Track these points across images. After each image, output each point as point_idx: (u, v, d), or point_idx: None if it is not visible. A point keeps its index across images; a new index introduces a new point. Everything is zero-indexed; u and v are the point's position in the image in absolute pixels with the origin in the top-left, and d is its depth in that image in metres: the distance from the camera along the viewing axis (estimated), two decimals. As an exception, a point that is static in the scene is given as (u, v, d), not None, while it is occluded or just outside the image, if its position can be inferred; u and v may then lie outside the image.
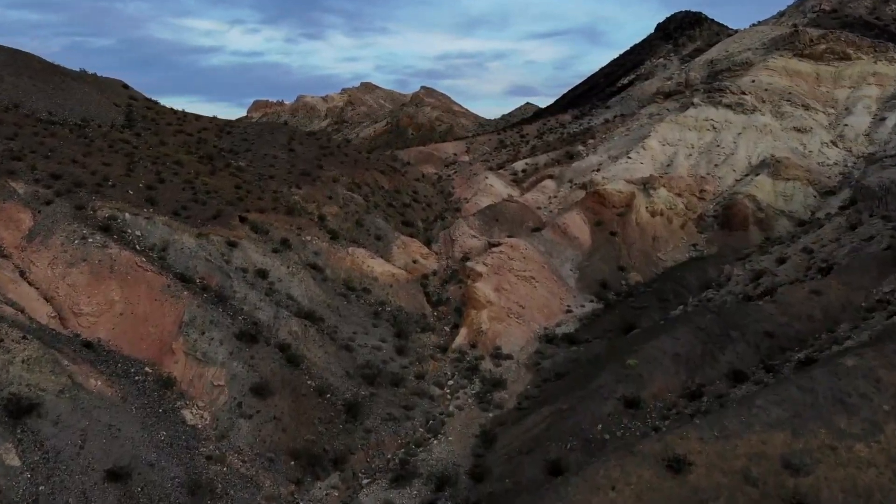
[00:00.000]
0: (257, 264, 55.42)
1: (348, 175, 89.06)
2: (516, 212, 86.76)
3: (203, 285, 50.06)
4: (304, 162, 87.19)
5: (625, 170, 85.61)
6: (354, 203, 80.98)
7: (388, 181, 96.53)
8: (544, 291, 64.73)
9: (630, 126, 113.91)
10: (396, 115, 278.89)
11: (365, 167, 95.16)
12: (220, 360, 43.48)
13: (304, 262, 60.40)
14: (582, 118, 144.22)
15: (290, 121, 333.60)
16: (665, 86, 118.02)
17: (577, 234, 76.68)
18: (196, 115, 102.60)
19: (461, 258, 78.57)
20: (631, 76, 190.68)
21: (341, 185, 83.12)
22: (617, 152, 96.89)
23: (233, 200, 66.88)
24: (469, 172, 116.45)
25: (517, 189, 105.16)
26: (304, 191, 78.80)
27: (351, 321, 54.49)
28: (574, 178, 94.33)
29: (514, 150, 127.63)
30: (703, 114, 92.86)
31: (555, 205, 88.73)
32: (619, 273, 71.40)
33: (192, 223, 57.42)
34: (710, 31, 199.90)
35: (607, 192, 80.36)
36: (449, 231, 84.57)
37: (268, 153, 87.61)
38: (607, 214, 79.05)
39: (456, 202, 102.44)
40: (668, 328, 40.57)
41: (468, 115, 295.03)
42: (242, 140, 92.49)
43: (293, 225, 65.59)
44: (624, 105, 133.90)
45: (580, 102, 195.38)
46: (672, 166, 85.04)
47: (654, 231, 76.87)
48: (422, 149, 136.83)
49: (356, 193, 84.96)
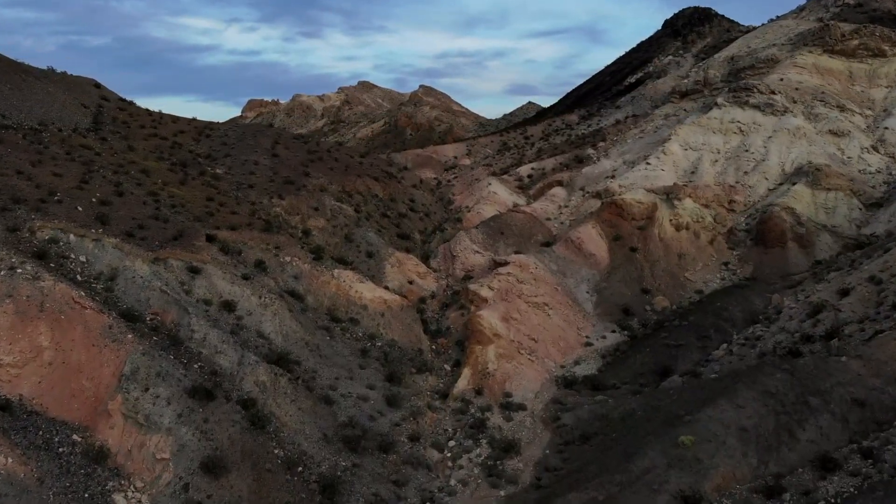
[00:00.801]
0: (223, 294, 46.99)
1: (338, 183, 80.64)
2: (523, 224, 78.34)
3: (154, 324, 41.57)
4: (288, 169, 78.73)
5: (644, 177, 77.21)
6: (344, 215, 72.55)
7: (383, 188, 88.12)
8: (559, 320, 56.33)
9: (644, 128, 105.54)
10: (394, 115, 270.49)
11: (357, 173, 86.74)
12: (167, 424, 35.05)
13: (281, 289, 51.96)
14: (590, 119, 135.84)
15: (286, 120, 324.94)
16: (681, 85, 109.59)
17: (593, 251, 68.28)
18: (174, 117, 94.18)
19: (463, 277, 70.17)
20: (638, 74, 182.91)
21: (329, 195, 74.66)
22: (633, 157, 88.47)
23: (202, 215, 58.46)
24: (471, 178, 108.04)
25: (523, 196, 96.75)
26: (287, 202, 70.36)
27: (333, 362, 46.05)
28: (586, 185, 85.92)
29: (518, 153, 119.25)
30: (728, 115, 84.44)
31: (566, 215, 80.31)
32: (642, 297, 63.00)
33: (149, 245, 48.95)
34: (720, 27, 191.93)
35: (626, 202, 71.95)
36: (449, 245, 76.17)
37: (249, 159, 79.15)
38: (626, 228, 70.65)
39: (456, 211, 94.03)
40: (726, 390, 32.14)
41: (468, 115, 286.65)
42: (222, 144, 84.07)
43: (270, 243, 57.15)
44: (636, 105, 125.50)
45: (586, 102, 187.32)
46: (696, 174, 76.64)
47: (680, 247, 68.46)
48: (420, 152, 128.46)
49: (346, 204, 76.52)
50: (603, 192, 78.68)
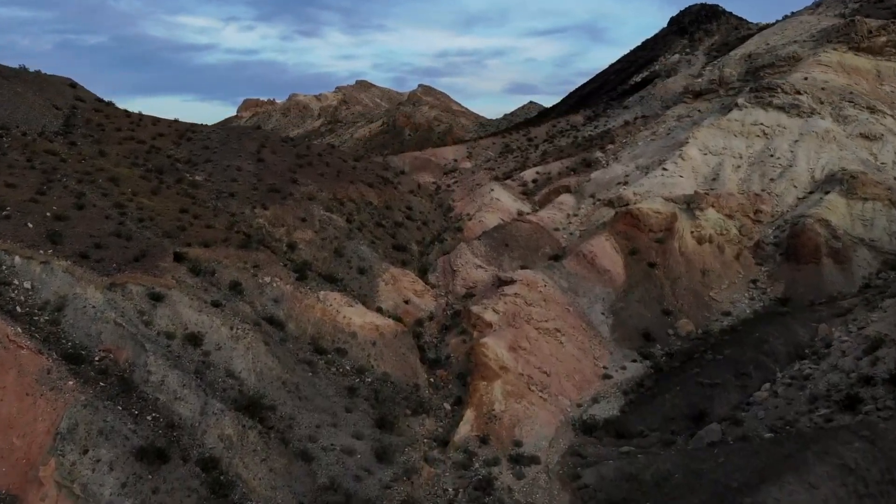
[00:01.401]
0: (189, 325, 40.79)
1: (328, 190, 74.41)
2: (530, 234, 72.15)
3: (103, 366, 35.35)
4: (274, 175, 72.50)
5: (661, 184, 71.03)
6: (334, 226, 66.34)
7: (378, 195, 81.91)
8: (573, 348, 50.14)
9: (656, 129, 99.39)
10: (393, 115, 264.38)
11: (350, 179, 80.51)
12: (107, 496, 28.89)
13: (258, 316, 45.75)
14: (596, 119, 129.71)
15: (282, 120, 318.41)
16: (694, 84, 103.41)
17: (607, 266, 62.11)
18: (154, 119, 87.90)
19: (464, 294, 64.03)
20: (644, 73, 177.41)
21: (318, 204, 68.42)
22: (647, 161, 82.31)
23: (172, 230, 52.22)
24: (472, 183, 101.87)
25: (527, 203, 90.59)
26: (272, 212, 64.16)
27: (315, 405, 39.82)
28: (597, 192, 79.75)
29: (521, 156, 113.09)
30: (750, 117, 78.26)
31: (576, 225, 74.12)
32: (664, 319, 56.85)
33: (105, 268, 42.71)
34: (727, 24, 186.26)
35: (642, 212, 65.77)
36: (449, 258, 70.00)
37: (231, 164, 72.94)
38: (643, 240, 64.50)
39: (457, 219, 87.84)
40: (792, 462, 25.99)
41: (468, 115, 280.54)
42: (204, 148, 77.85)
43: (248, 261, 50.93)
44: (645, 105, 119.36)
45: (590, 101, 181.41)
46: (718, 181, 70.47)
47: (703, 262, 62.31)
48: (418, 154, 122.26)
49: (337, 213, 70.29)
50: (616, 201, 72.49)
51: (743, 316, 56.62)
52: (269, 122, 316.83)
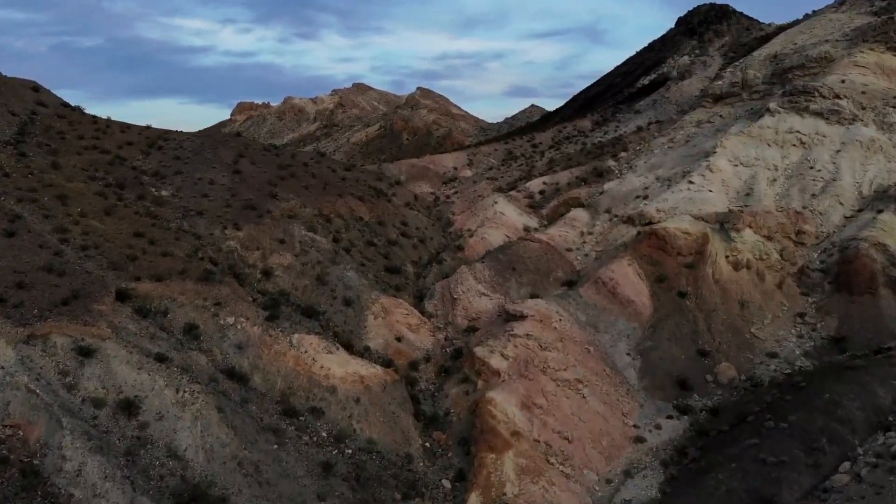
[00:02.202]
0: (125, 387, 32.64)
1: (313, 205, 66.23)
2: (539, 256, 63.98)
3: (5, 450, 27.27)
4: (251, 189, 64.30)
5: (688, 200, 62.86)
6: (317, 248, 58.13)
7: (369, 210, 73.74)
8: (597, 402, 41.93)
9: (673, 136, 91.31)
10: (390, 119, 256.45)
11: (338, 192, 72.32)
12: None
13: (215, 369, 37.58)
14: (605, 124, 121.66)
15: (277, 124, 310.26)
16: (714, 87, 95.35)
17: (631, 296, 53.96)
18: (124, 125, 79.64)
19: (466, 327, 55.92)
20: (652, 75, 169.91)
21: (300, 223, 60.19)
22: (667, 172, 74.19)
23: (120, 260, 44.03)
24: (473, 193, 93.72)
25: (534, 217, 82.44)
26: (245, 233, 55.94)
27: (279, 491, 31.56)
28: (613, 206, 71.59)
29: (526, 165, 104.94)
30: (784, 123, 70.15)
31: (590, 245, 65.95)
32: (700, 361, 48.67)
33: (24, 315, 34.56)
34: (738, 25, 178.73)
35: (669, 232, 57.67)
36: (449, 283, 61.83)
37: (204, 177, 64.74)
38: (671, 265, 56.38)
39: (457, 235, 79.70)
40: None
41: (468, 118, 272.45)
42: (174, 159, 69.64)
43: (209, 297, 42.73)
44: (658, 110, 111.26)
45: (595, 105, 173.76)
46: (753, 196, 62.36)
47: (741, 292, 54.16)
48: (415, 162, 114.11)
49: (322, 232, 62.06)
50: (636, 217, 64.32)
51: (792, 357, 48.50)
52: (264, 125, 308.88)
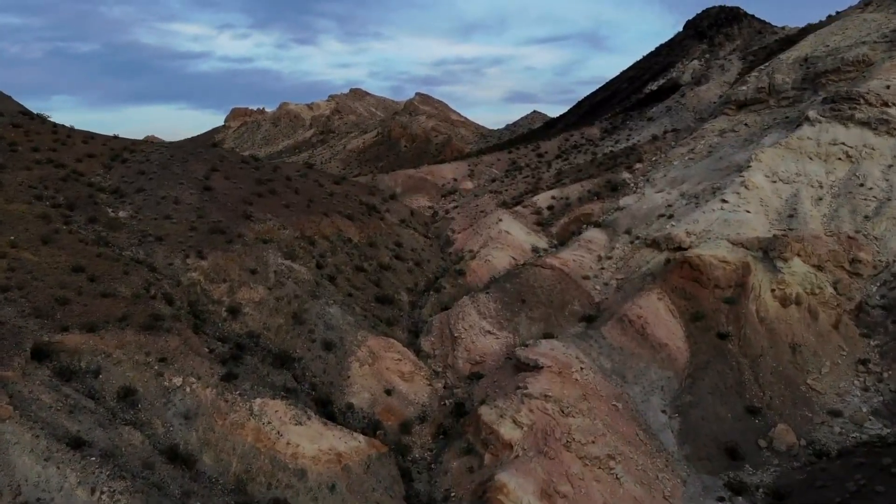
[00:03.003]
0: (24, 487, 24.57)
1: (294, 226, 58.14)
2: (552, 285, 55.87)
3: None
4: (222, 208, 56.20)
5: (722, 221, 54.79)
6: (295, 278, 49.95)
7: (359, 230, 65.67)
8: (633, 485, 33.72)
9: (693, 147, 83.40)
10: (388, 125, 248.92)
11: (323, 210, 64.24)
12: None
13: (153, 449, 29.42)
14: (615, 133, 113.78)
15: (272, 130, 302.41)
16: (737, 93, 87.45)
17: (663, 338, 45.85)
18: (88, 135, 71.71)
19: (469, 373, 47.86)
20: (660, 80, 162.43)
21: (275, 249, 52.02)
22: (693, 188, 66.18)
23: (46, 305, 35.90)
24: (475, 209, 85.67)
25: (543, 236, 74.41)
26: (211, 262, 47.78)
27: None
28: (633, 226, 63.52)
29: (532, 176, 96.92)
30: (826, 135, 62.25)
31: (610, 272, 57.83)
32: (750, 421, 40.48)
33: None
34: (750, 28, 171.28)
35: (704, 261, 49.63)
36: (449, 317, 53.76)
37: (169, 195, 56.66)
38: (708, 300, 48.30)
39: (457, 257, 71.62)
40: None
41: (468, 125, 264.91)
42: (138, 174, 61.61)
43: (154, 351, 34.58)
44: (674, 117, 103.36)
45: (601, 111, 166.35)
46: (797, 218, 54.34)
47: (792, 334, 46.02)
48: (412, 173, 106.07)
49: (302, 259, 53.92)
50: (663, 241, 56.22)
51: (859, 417, 40.36)
52: (259, 131, 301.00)
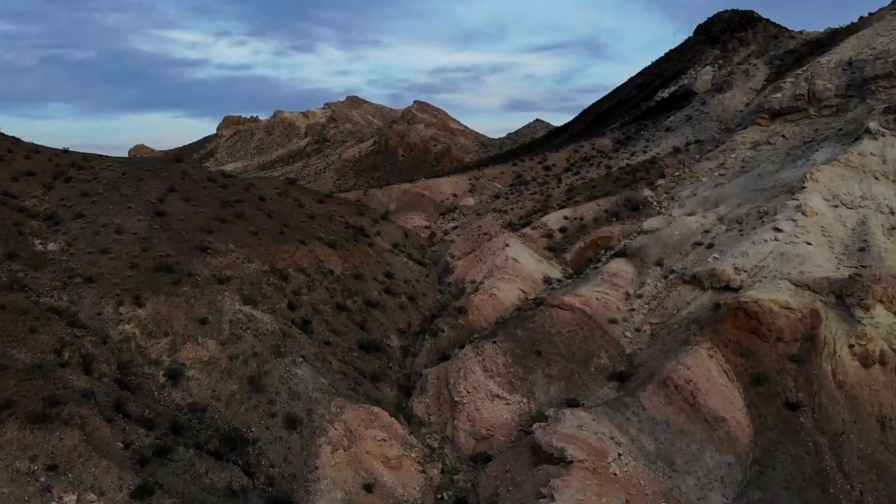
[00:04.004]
0: None
1: (262, 258, 48.53)
2: (573, 331, 46.23)
3: None
4: (173, 239, 46.53)
5: (778, 256, 45.25)
6: (255, 330, 40.25)
7: (343, 259, 56.13)
8: None
9: (724, 161, 74.05)
10: (385, 134, 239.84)
11: (301, 237, 54.69)
12: None
13: None
14: (630, 144, 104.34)
15: (265, 139, 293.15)
16: (771, 100, 78.15)
17: (719, 409, 36.21)
18: (32, 149, 62.25)
19: (473, 452, 38.22)
20: (671, 87, 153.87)
21: (233, 291, 42.31)
22: (733, 211, 56.72)
23: None
24: (477, 230, 76.13)
25: (556, 263, 64.94)
26: (151, 310, 38.13)
27: None
28: (665, 256, 53.99)
29: (540, 192, 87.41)
30: (892, 150, 52.87)
31: (643, 313, 48.19)
32: (845, 533, 30.85)
33: None
34: (765, 32, 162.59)
35: (763, 307, 40.06)
36: (448, 372, 44.11)
37: (111, 222, 47.05)
38: (770, 358, 38.72)
39: (457, 288, 62.09)
40: None
41: (467, 133, 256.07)
42: (81, 195, 52.10)
43: (42, 454, 24.97)
44: (696, 127, 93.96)
45: (609, 120, 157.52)
46: (869, 252, 44.84)
47: (879, 404, 36.42)
48: (407, 188, 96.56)
49: (266, 303, 44.23)
50: (706, 278, 46.62)
51: None
52: (252, 140, 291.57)
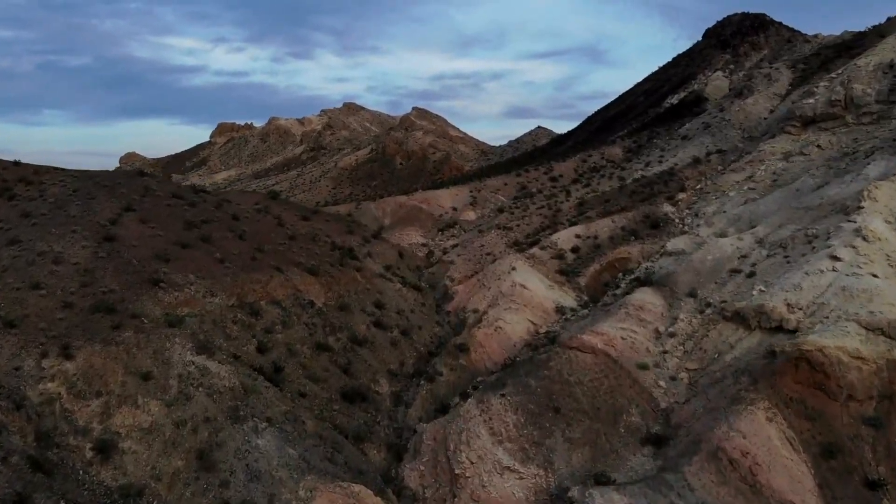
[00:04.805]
0: None
1: (228, 290, 41.13)
2: (597, 381, 38.81)
3: None
4: (122, 270, 39.10)
5: (839, 291, 38.04)
6: (208, 387, 32.76)
7: (326, 287, 48.76)
8: None
9: (753, 174, 66.99)
10: (382, 141, 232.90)
11: (277, 263, 47.29)
12: None
13: None
14: (642, 153, 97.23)
15: (260, 146, 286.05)
16: (803, 107, 71.10)
17: (785, 491, 28.85)
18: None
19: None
20: (681, 93, 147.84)
21: (186, 337, 34.86)
22: (774, 233, 49.52)
23: None
24: (479, 250, 68.84)
25: (570, 289, 57.73)
26: (81, 363, 30.67)
27: None
28: (699, 285, 46.68)
29: (548, 206, 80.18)
30: (961, 161, 46.05)
31: (677, 356, 40.81)
32: None
33: None
34: (778, 36, 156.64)
35: (830, 358, 32.79)
36: (447, 433, 36.72)
37: (50, 250, 39.66)
38: (841, 421, 31.41)
39: (458, 318, 54.79)
40: None
41: (467, 141, 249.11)
42: (22, 216, 44.72)
43: None
44: (716, 136, 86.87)
45: (616, 127, 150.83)
46: (948, 284, 37.80)
47: None
48: (403, 201, 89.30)
49: (223, 353, 36.83)
50: (752, 316, 39.32)
51: None
52: (246, 148, 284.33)
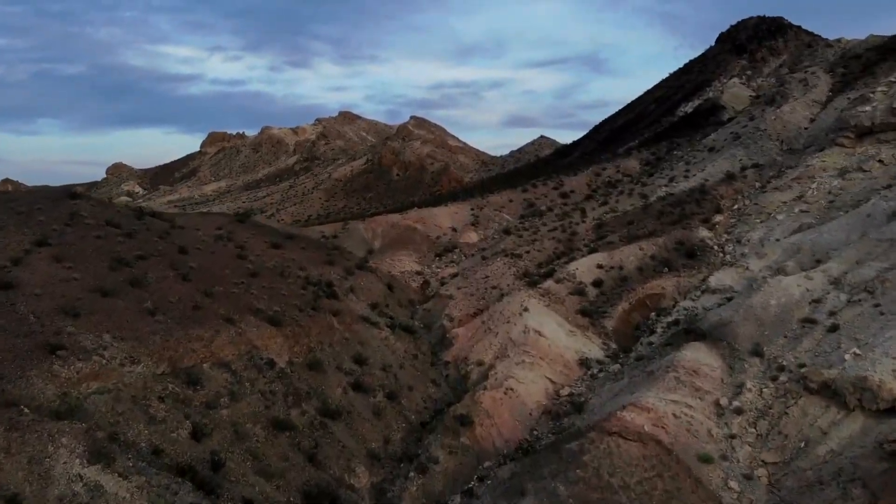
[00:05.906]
0: None
1: (157, 352, 30.93)
2: (646, 480, 28.68)
3: None
4: (11, 331, 28.70)
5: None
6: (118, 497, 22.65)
7: (292, 342, 38.58)
8: None
9: (803, 193, 57.30)
10: (378, 151, 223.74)
11: (228, 312, 37.09)
12: None
13: None
14: (662, 167, 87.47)
15: (252, 157, 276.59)
16: (857, 115, 61.49)
17: None
18: None
19: None
20: (696, 101, 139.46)
21: (77, 437, 24.67)
22: (852, 271, 39.66)
23: None
24: (484, 283, 58.78)
25: (594, 335, 47.73)
26: None
27: None
28: (764, 341, 36.68)
29: (562, 229, 70.24)
30: None
31: (750, 442, 30.76)
32: None
33: None
34: (798, 40, 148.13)
35: None
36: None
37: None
38: None
39: (459, 374, 44.67)
40: None
41: (467, 151, 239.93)
42: None
43: None
44: (750, 147, 77.07)
45: (626, 137, 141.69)
46: None
47: None
48: (396, 221, 79.24)
49: (121, 464, 26.77)
50: (850, 391, 29.37)
51: None
52: (238, 158, 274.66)
